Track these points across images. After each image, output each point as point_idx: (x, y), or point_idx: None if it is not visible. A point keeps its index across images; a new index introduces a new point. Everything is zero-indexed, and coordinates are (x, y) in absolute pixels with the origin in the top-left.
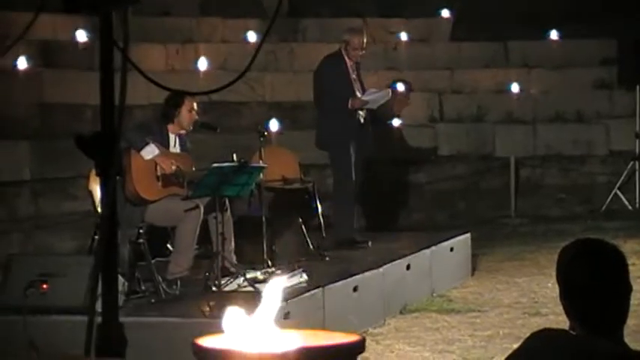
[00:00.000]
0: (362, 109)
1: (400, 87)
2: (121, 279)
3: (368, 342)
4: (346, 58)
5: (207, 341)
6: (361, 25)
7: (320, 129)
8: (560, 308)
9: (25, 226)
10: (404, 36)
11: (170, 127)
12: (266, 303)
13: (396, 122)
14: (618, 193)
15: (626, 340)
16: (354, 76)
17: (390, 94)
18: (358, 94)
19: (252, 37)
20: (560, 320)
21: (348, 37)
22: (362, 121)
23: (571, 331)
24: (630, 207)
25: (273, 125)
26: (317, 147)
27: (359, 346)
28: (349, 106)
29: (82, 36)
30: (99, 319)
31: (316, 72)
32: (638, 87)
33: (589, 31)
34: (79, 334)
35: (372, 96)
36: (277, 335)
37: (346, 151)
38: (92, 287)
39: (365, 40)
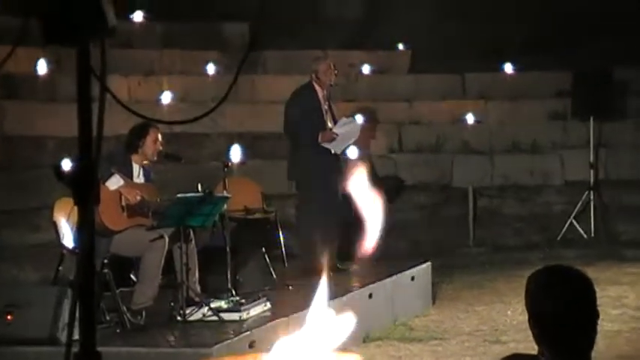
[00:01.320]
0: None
1: (359, 119)
2: None
3: None
4: (317, 88)
5: None
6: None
7: (292, 161)
8: (520, 335)
9: None
10: (365, 68)
11: (134, 157)
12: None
13: (352, 154)
14: (574, 222)
15: None
16: (325, 107)
17: (358, 133)
18: (330, 125)
19: (211, 69)
20: (520, 348)
21: (315, 65)
22: (332, 151)
23: (540, 356)
24: (585, 236)
25: (235, 153)
26: (288, 179)
27: None
28: (319, 140)
29: (42, 68)
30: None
31: (288, 104)
32: (591, 118)
33: (544, 63)
34: None
35: (342, 129)
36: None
37: (319, 183)
38: (70, 316)
39: (332, 64)
